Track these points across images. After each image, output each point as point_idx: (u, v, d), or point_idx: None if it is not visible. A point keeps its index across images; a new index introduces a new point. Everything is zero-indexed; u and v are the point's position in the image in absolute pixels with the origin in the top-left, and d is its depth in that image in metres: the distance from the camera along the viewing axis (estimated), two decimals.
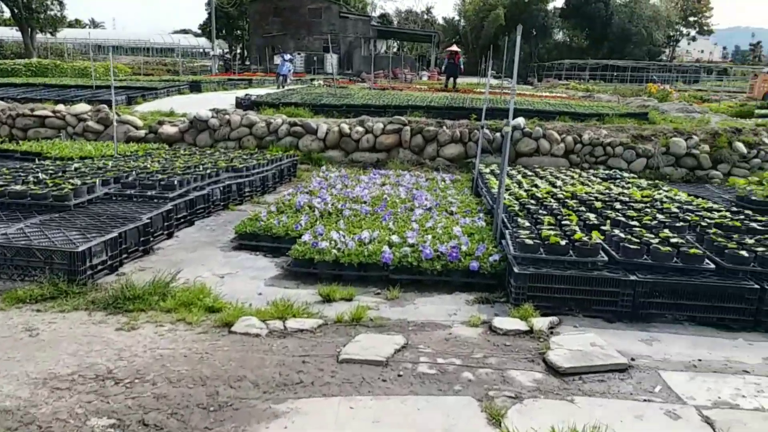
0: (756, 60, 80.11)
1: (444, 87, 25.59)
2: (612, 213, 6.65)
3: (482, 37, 62.29)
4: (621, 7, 59.48)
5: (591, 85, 41.58)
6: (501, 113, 15.90)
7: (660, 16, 60.57)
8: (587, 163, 13.46)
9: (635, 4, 59.81)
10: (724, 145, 13.09)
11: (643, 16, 59.19)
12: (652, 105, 23.36)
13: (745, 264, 4.99)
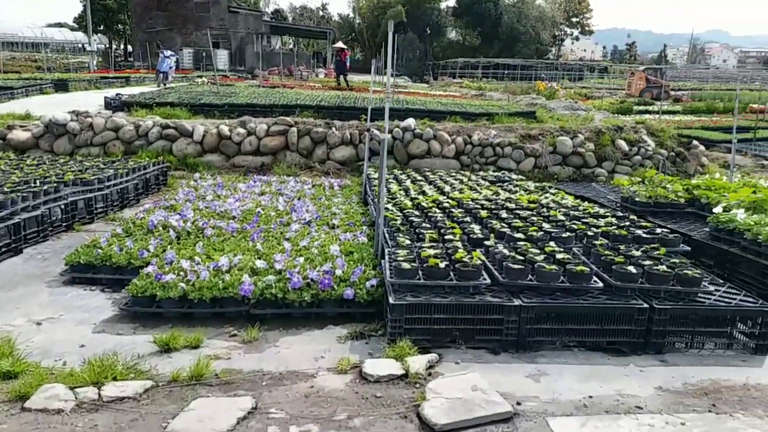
0: (632, 59, 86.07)
1: (337, 85, 24.89)
2: (497, 224, 6.22)
3: (379, 35, 62.24)
4: (510, 7, 61.52)
5: (483, 83, 42.49)
6: (394, 113, 15.45)
7: (545, 16, 63.32)
8: (478, 164, 13.25)
9: (522, 5, 62.10)
10: (608, 144, 13.34)
11: (530, 16, 61.60)
12: (540, 103, 23.93)
13: (633, 281, 4.65)
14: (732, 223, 6.53)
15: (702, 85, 49.72)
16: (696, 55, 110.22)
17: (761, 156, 16.43)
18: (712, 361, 4.48)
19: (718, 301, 4.69)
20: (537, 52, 64.82)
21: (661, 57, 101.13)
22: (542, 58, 63.78)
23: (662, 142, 13.83)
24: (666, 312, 4.49)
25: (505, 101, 26.96)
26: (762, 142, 18.27)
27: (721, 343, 4.66)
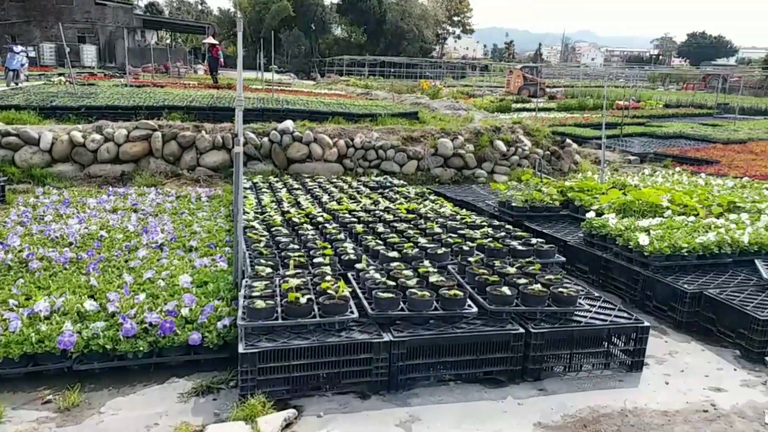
0: (510, 57, 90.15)
1: (214, 83, 23.62)
2: (372, 241, 5.76)
3: (262, 30, 60.45)
4: (393, 5, 62.07)
5: (370, 81, 42.39)
6: (272, 114, 14.69)
7: (428, 14, 64.58)
8: (361, 168, 12.82)
9: (406, 3, 62.92)
10: (487, 145, 13.40)
11: (414, 15, 62.55)
12: (423, 103, 24.04)
13: (508, 303, 4.35)
14: (604, 228, 6.51)
15: (574, 83, 52.82)
16: (568, 53, 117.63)
17: (628, 151, 17.35)
18: (591, 384, 4.28)
19: (594, 319, 4.51)
20: (421, 50, 65.98)
21: (536, 55, 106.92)
22: (426, 56, 65.02)
23: (538, 142, 14.14)
24: (542, 336, 4.23)
25: (390, 101, 26.89)
26: (628, 138, 19.37)
27: (599, 363, 4.48)
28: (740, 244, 6.04)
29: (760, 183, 10.33)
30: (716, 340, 5.11)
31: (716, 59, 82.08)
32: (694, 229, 6.45)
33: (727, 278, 5.69)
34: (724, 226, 6.69)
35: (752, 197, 8.73)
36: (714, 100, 30.58)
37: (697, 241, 5.91)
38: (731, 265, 6.03)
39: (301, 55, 60.32)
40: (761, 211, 7.71)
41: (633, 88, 40.91)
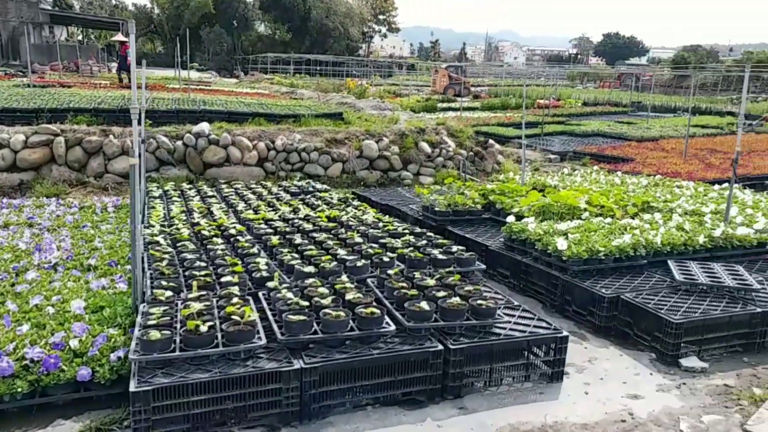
0: (436, 56, 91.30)
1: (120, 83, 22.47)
2: (288, 255, 5.46)
3: (182, 27, 58.34)
4: (318, 3, 61.36)
5: (295, 79, 41.65)
6: (188, 115, 14.01)
7: (354, 12, 64.30)
8: (284, 171, 12.44)
9: (331, 0, 62.33)
10: (411, 146, 13.32)
11: (339, 13, 62.11)
12: (349, 102, 23.78)
13: (427, 319, 4.18)
14: (523, 233, 6.49)
15: (498, 82, 53.97)
16: (491, 53, 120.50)
17: (548, 150, 17.76)
18: (512, 399, 4.17)
19: (513, 330, 4.41)
20: (348, 48, 65.63)
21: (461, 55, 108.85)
22: (353, 55, 64.77)
23: (462, 143, 14.21)
24: (461, 352, 4.08)
25: (315, 100, 26.47)
26: (548, 137, 19.85)
27: (519, 376, 4.39)
28: (654, 245, 6.16)
29: (671, 181, 10.73)
30: (633, 344, 5.15)
31: (630, 59, 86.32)
32: (610, 231, 6.53)
33: (642, 280, 5.77)
34: (639, 226, 6.83)
35: (664, 196, 9.02)
36: (628, 99, 31.97)
37: (614, 243, 5.97)
38: (646, 267, 6.13)
39: (223, 52, 58.61)
40: (673, 210, 7.95)
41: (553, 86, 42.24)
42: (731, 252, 6.58)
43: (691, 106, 29.35)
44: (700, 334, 4.88)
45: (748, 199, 8.79)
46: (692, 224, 6.99)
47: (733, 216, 7.47)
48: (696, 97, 34.46)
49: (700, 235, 6.42)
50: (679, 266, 5.92)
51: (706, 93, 36.98)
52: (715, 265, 5.99)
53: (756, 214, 7.77)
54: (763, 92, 34.89)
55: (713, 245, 6.49)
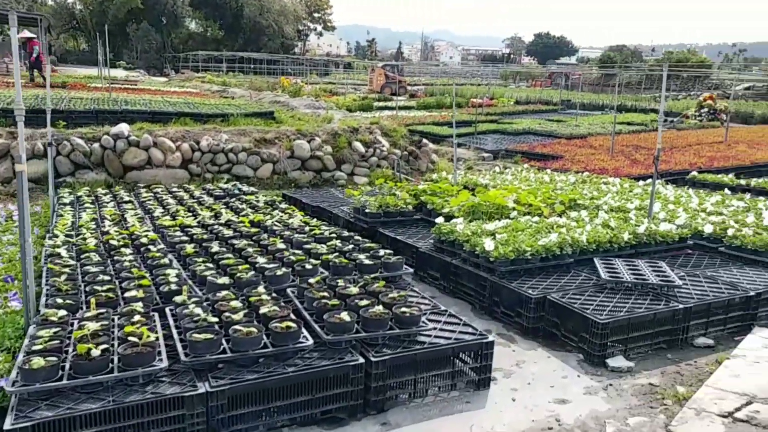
0: (373, 55, 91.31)
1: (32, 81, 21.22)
2: (202, 265, 5.10)
3: (106, 23, 55.87)
4: (250, 0, 60.07)
5: (228, 78, 40.56)
6: (109, 116, 13.27)
7: (288, 10, 63.32)
8: (210, 173, 11.94)
9: None
10: (345, 146, 13.07)
11: (273, 10, 61.01)
12: (283, 101, 23.30)
13: (348, 330, 3.95)
14: (452, 234, 6.36)
15: (434, 81, 54.44)
16: (428, 52, 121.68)
17: (482, 149, 17.89)
18: (437, 410, 4.00)
19: (439, 338, 4.24)
20: (283, 46, 64.56)
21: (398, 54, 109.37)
22: (289, 53, 63.79)
23: (396, 142, 14.07)
24: (384, 364, 3.87)
25: (247, 99, 25.80)
26: (482, 135, 20.02)
27: (445, 385, 4.22)
28: (580, 243, 6.15)
29: (598, 177, 10.93)
30: (561, 345, 5.09)
31: (560, 58, 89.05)
32: (537, 230, 6.49)
33: (569, 279, 5.74)
34: (566, 225, 6.83)
35: (591, 193, 9.14)
36: (559, 97, 32.80)
37: (540, 243, 5.92)
38: (573, 265, 6.12)
39: (152, 50, 56.47)
40: (599, 207, 8.04)
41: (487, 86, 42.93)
42: (655, 248, 6.67)
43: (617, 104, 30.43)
44: (625, 333, 4.87)
45: (671, 195, 9.03)
46: (617, 221, 7.06)
47: (657, 212, 7.61)
48: (622, 95, 35.78)
49: (624, 233, 6.47)
50: (605, 264, 5.93)
51: (631, 91, 38.46)
52: (639, 262, 6.04)
53: (677, 209, 7.96)
54: (683, 90, 36.62)
55: (637, 242, 6.56)
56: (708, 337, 5.30)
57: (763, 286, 5.67)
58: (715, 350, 5.13)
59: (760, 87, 34.03)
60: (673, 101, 30.22)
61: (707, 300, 5.29)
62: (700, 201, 8.53)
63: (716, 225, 6.99)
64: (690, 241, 6.96)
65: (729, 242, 6.63)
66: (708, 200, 8.60)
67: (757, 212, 7.67)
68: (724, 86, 33.61)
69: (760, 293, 5.55)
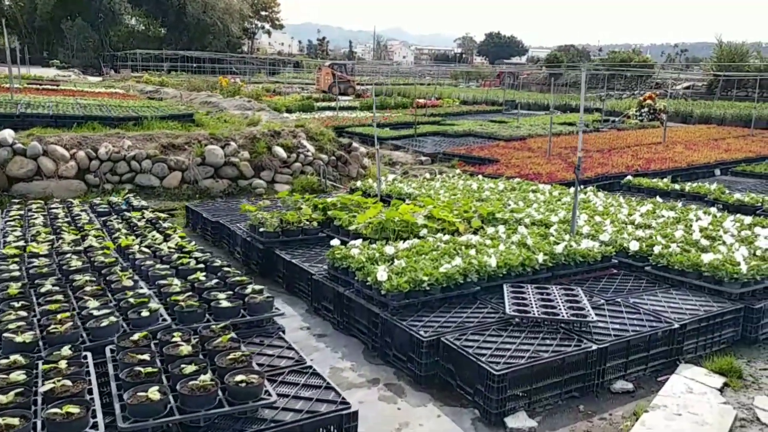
0: (324, 54, 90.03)
1: None
2: (12, 314, 4.09)
3: (37, 20, 53.12)
4: None
5: (167, 78, 38.82)
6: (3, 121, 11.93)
7: (233, 8, 61.53)
8: (110, 183, 10.79)
9: None
10: (264, 151, 12.08)
11: (217, 8, 59.15)
12: (214, 102, 22.09)
13: (156, 414, 3.02)
14: (346, 260, 5.50)
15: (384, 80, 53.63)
16: (381, 51, 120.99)
17: (420, 152, 17.15)
18: None
19: (288, 410, 3.37)
20: (229, 45, 62.74)
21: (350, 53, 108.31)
22: (235, 52, 61.99)
23: (322, 146, 13.16)
24: None
25: (178, 100, 24.45)
26: (422, 137, 19.30)
27: None
28: (487, 269, 5.38)
29: (528, 184, 10.28)
30: (457, 398, 4.29)
31: (511, 57, 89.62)
32: (445, 252, 5.70)
33: (473, 313, 4.96)
34: (478, 244, 6.08)
35: (516, 203, 8.45)
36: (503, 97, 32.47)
37: (441, 270, 5.12)
38: (481, 294, 5.35)
39: (89, 48, 53.97)
40: (520, 221, 7.32)
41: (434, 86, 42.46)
42: (575, 269, 5.97)
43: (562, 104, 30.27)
44: (528, 383, 4.10)
45: (600, 204, 8.40)
46: (535, 238, 6.34)
47: (581, 226, 6.94)
48: (569, 95, 35.78)
49: (540, 253, 5.74)
50: (515, 293, 5.18)
51: (578, 91, 38.51)
52: (553, 289, 5.31)
53: (605, 221, 7.32)
54: (626, 89, 36.88)
55: (555, 263, 5.84)
56: (627, 379, 4.59)
57: (689, 316, 5.01)
58: (634, 396, 4.42)
59: (699, 86, 34.51)
60: (615, 101, 30.24)
61: (626, 337, 4.58)
62: (629, 211, 7.92)
63: (642, 241, 6.34)
64: (615, 260, 6.30)
65: (655, 261, 5.98)
66: (639, 209, 8.00)
67: (687, 223, 7.09)
68: (666, 85, 33.94)
69: (685, 324, 4.89)
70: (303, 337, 5.28)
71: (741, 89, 28.84)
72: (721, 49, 33.45)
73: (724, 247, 6.04)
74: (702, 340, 5.07)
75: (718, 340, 5.19)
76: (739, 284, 5.39)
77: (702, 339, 5.07)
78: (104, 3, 53.55)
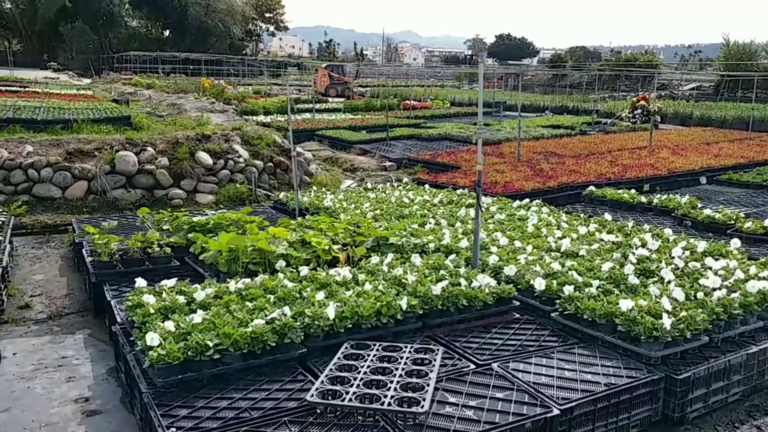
0: (331, 56, 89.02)
1: None
2: None
3: (38, 23, 52.69)
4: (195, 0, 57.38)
5: (156, 80, 37.90)
6: None
7: (235, 10, 60.68)
8: (3, 195, 9.62)
9: None
10: (185, 157, 10.83)
11: (218, 10, 58.33)
12: (179, 104, 21.02)
13: None
14: (136, 311, 4.18)
15: (389, 82, 52.26)
16: (391, 53, 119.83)
17: (386, 157, 15.79)
18: None
19: None
20: (231, 47, 61.90)
21: (362, 54, 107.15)
22: (238, 54, 61.07)
23: (258, 152, 11.86)
24: None
25: (148, 102, 23.40)
26: (395, 141, 17.94)
27: None
28: (321, 322, 4.01)
29: (469, 196, 8.88)
30: None
31: (522, 59, 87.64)
32: (281, 297, 4.36)
33: (280, 389, 3.60)
34: (344, 282, 4.74)
35: (438, 221, 7.08)
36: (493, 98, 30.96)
37: (249, 329, 3.77)
38: (310, 357, 3.99)
39: (89, 50, 53.44)
40: (423, 246, 5.94)
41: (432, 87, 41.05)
42: (457, 316, 4.58)
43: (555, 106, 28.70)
44: None
45: (531, 224, 6.94)
46: (424, 272, 4.96)
47: (489, 253, 5.55)
48: (570, 96, 34.14)
49: (403, 298, 4.35)
50: (350, 357, 3.81)
51: (582, 92, 36.85)
52: (407, 350, 3.93)
53: (524, 247, 5.91)
54: (632, 90, 35.09)
55: (429, 309, 4.46)
56: None
57: (582, 394, 3.60)
58: None
59: (707, 87, 32.62)
60: (614, 102, 28.55)
61: None
62: (564, 233, 6.48)
63: (555, 277, 4.93)
64: (517, 302, 4.90)
65: (561, 307, 4.56)
66: (579, 230, 6.56)
67: (624, 252, 5.63)
68: (672, 86, 32.14)
69: (571, 409, 3.49)
70: (67, 413, 3.96)
71: (747, 90, 27.01)
72: (728, 48, 31.55)
73: (658, 287, 4.61)
74: (601, 427, 3.66)
75: (626, 423, 3.78)
76: (660, 344, 3.96)
77: (601, 425, 3.66)
78: (104, 5, 52.97)
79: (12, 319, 5.58)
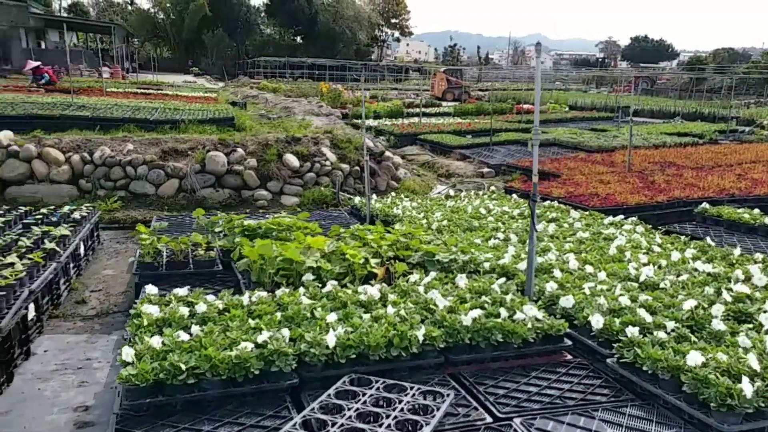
0: (455, 60, 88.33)
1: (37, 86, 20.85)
2: None
3: (185, 31, 57.21)
4: (325, 7, 59.38)
5: (283, 84, 39.57)
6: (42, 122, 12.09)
7: (362, 17, 62.03)
8: (104, 190, 10.18)
9: (338, 4, 60.26)
10: (273, 159, 10.87)
11: (346, 17, 59.93)
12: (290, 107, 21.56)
13: None
14: (135, 321, 3.97)
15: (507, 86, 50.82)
16: (518, 57, 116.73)
17: (485, 162, 15.01)
18: None
19: None
20: (358, 52, 63.38)
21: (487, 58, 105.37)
22: (364, 59, 62.41)
23: (345, 155, 11.65)
24: None
25: (264, 105, 24.33)
26: (498, 146, 17.09)
27: None
28: (318, 351, 3.54)
29: (557, 210, 7.98)
30: None
31: (659, 62, 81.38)
32: (289, 316, 3.96)
33: (254, 426, 3.19)
34: (370, 301, 4.26)
35: (507, 236, 6.35)
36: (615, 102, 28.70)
37: (234, 352, 3.40)
38: (307, 387, 3.54)
39: (227, 56, 57.23)
40: (477, 264, 5.28)
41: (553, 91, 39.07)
42: (490, 353, 3.91)
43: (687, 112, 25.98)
44: None
45: (617, 244, 5.97)
46: (457, 298, 4.34)
47: (553, 277, 4.78)
48: (708, 102, 30.87)
49: (421, 328, 3.76)
50: (342, 393, 3.31)
51: (722, 97, 33.19)
52: (411, 392, 3.35)
53: (597, 273, 5.04)
54: None
55: (453, 342, 3.84)
56: None
57: None
58: None
59: None
60: (759, 108, 25.27)
61: None
62: (650, 258, 5.49)
63: (617, 315, 4.08)
64: (569, 342, 4.11)
65: (619, 352, 3.73)
66: (671, 256, 5.53)
67: (719, 288, 4.59)
68: None
69: None
70: (60, 423, 3.81)
71: None
72: None
73: (750, 337, 3.63)
74: None
75: None
76: (737, 416, 3.05)
77: None
78: (242, 14, 56.42)
79: (63, 314, 5.69)
